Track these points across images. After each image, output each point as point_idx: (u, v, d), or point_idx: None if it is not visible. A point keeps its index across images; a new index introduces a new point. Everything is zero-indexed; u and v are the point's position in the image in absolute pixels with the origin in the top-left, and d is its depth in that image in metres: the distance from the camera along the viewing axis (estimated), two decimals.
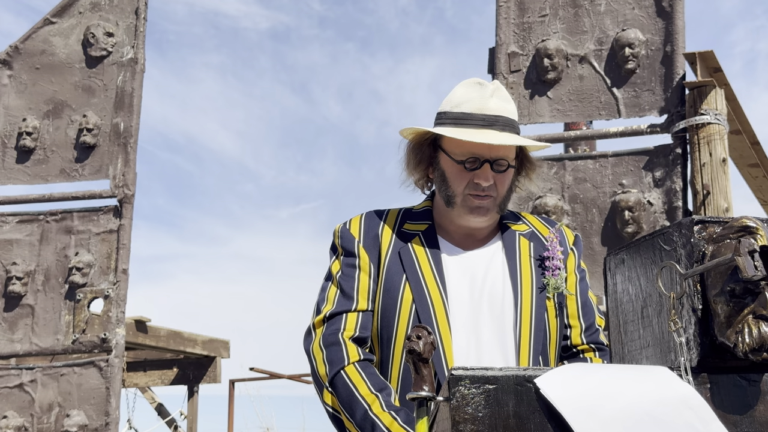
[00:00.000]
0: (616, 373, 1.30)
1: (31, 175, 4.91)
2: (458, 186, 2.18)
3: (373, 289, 2.22)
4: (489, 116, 2.16)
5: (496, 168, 2.16)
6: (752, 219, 1.32)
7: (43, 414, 4.58)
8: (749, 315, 1.29)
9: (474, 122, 2.16)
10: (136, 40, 4.94)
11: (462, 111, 2.18)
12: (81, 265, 4.66)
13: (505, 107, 2.19)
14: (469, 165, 2.16)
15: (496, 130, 2.14)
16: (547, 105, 4.23)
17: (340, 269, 2.24)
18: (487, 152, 2.15)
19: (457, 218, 2.23)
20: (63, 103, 4.96)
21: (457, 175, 2.18)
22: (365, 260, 2.23)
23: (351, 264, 2.24)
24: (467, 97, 2.20)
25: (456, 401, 1.24)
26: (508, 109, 2.20)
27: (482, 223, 2.23)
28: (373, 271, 2.22)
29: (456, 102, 2.21)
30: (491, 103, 2.18)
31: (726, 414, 1.29)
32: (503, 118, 2.17)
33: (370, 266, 2.23)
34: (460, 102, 2.20)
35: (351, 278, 2.22)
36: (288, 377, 10.42)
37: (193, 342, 10.31)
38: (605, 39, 4.20)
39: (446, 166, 2.20)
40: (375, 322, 2.20)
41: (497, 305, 2.17)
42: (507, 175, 2.20)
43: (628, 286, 1.50)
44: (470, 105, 2.18)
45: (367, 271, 2.22)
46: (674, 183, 3.94)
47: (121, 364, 4.59)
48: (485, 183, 2.15)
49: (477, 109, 2.17)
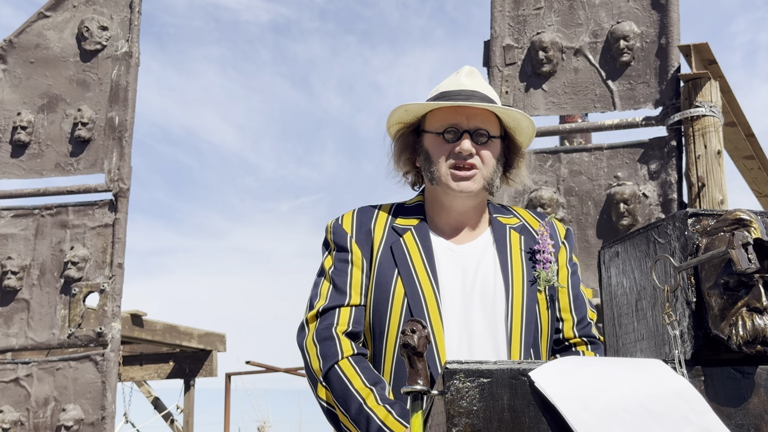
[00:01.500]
0: (611, 366, 1.31)
1: (26, 169, 4.90)
2: (440, 158, 2.21)
3: (366, 284, 2.22)
4: (465, 90, 2.24)
5: (476, 139, 2.19)
6: (746, 212, 1.32)
7: (39, 408, 4.58)
8: (743, 308, 1.29)
9: (451, 97, 2.23)
10: (130, 34, 4.92)
11: (440, 92, 2.27)
12: (76, 260, 4.66)
13: (483, 85, 2.28)
14: (449, 136, 2.20)
15: (472, 102, 2.20)
16: (542, 98, 4.23)
17: (333, 264, 2.25)
18: (465, 122, 2.20)
19: (444, 196, 2.24)
20: (58, 97, 4.95)
21: (439, 147, 2.22)
22: (357, 255, 2.24)
23: (343, 259, 2.25)
24: (445, 82, 2.31)
25: (451, 395, 1.24)
26: (484, 86, 2.28)
27: (468, 199, 2.22)
28: (366, 266, 2.23)
29: (436, 89, 2.31)
30: (467, 80, 2.26)
31: (720, 406, 1.30)
32: (480, 93, 2.24)
33: (362, 261, 2.23)
34: (439, 87, 2.30)
35: (343, 273, 2.23)
36: (284, 371, 10.43)
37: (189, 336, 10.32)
38: (600, 31, 4.20)
39: (429, 144, 2.24)
40: (367, 316, 2.20)
41: (489, 299, 2.17)
42: (490, 148, 2.22)
43: (622, 279, 1.50)
44: (447, 85, 2.28)
45: (360, 266, 2.23)
46: (669, 175, 3.95)
47: (117, 358, 4.59)
48: (466, 152, 2.17)
49: (453, 86, 2.26)
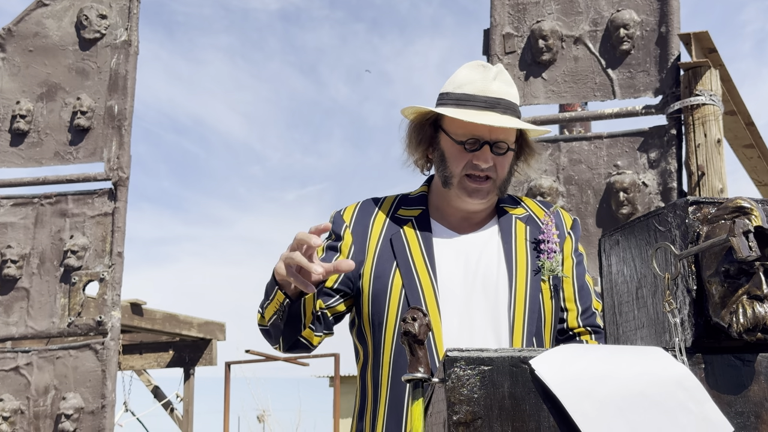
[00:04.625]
0: (611, 353, 1.31)
1: (25, 158, 4.89)
2: (456, 166, 2.18)
3: (350, 275, 2.23)
4: (491, 98, 2.16)
5: (495, 150, 2.17)
6: (747, 199, 1.32)
7: (39, 397, 4.59)
8: (743, 295, 1.29)
9: (476, 104, 2.16)
10: (129, 22, 4.91)
11: (464, 92, 2.19)
12: (76, 248, 4.66)
13: (508, 91, 2.20)
14: (469, 146, 2.16)
15: (497, 113, 2.15)
16: (542, 86, 4.22)
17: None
18: (487, 134, 2.16)
19: (454, 200, 2.24)
20: (57, 85, 4.94)
21: (457, 155, 2.19)
22: (347, 243, 2.25)
23: (333, 247, 2.27)
24: (470, 79, 2.21)
25: (451, 383, 1.24)
26: (510, 92, 2.20)
27: (480, 205, 2.23)
28: (355, 257, 2.23)
29: (458, 83, 2.22)
30: (493, 85, 2.18)
31: (720, 394, 1.30)
32: (505, 101, 2.17)
33: (350, 249, 2.24)
34: (463, 83, 2.21)
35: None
36: (284, 359, 10.44)
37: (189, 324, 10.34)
38: (600, 20, 4.19)
39: (446, 146, 2.21)
40: (366, 307, 2.21)
41: (491, 288, 2.17)
42: (506, 158, 2.21)
43: (622, 267, 1.51)
44: (472, 86, 2.19)
45: (346, 254, 2.23)
46: (669, 164, 3.95)
47: (117, 347, 4.60)
48: (484, 165, 2.16)
49: (479, 90, 2.18)
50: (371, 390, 2.20)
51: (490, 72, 2.21)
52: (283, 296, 2.02)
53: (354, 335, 2.30)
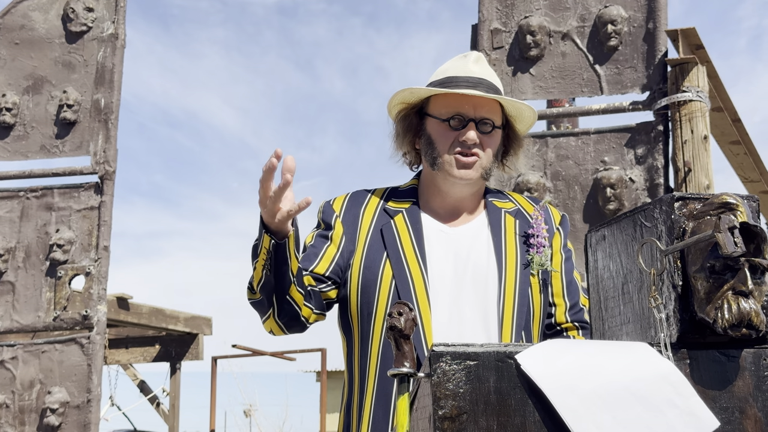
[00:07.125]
0: (597, 349, 1.31)
1: (10, 151, 4.87)
2: (444, 145, 2.20)
3: (340, 263, 2.22)
4: (473, 77, 2.22)
5: (481, 128, 2.19)
6: (732, 195, 1.33)
7: (24, 391, 4.57)
8: (729, 291, 1.30)
9: (458, 83, 2.21)
10: (116, 16, 4.89)
11: (447, 75, 2.24)
12: (62, 242, 4.64)
13: (489, 72, 2.26)
14: (455, 123, 2.19)
15: (480, 91, 2.17)
16: (529, 82, 4.23)
17: (313, 239, 2.27)
18: (471, 111, 2.18)
19: (442, 183, 2.24)
20: (43, 78, 4.91)
21: (443, 134, 2.21)
22: (338, 233, 2.25)
23: (324, 235, 2.27)
24: (451, 65, 2.27)
25: (437, 377, 1.24)
26: (491, 74, 2.26)
27: (467, 186, 2.23)
28: (345, 246, 2.23)
29: (441, 71, 2.28)
30: (475, 67, 2.24)
31: (705, 389, 1.30)
32: (487, 81, 2.22)
33: (341, 239, 2.24)
34: (445, 70, 2.27)
35: (319, 247, 2.25)
36: (271, 354, 10.43)
37: (175, 319, 10.31)
38: (588, 16, 4.19)
39: (432, 128, 2.23)
40: (355, 298, 2.20)
41: (481, 281, 2.18)
42: (492, 138, 2.22)
43: (608, 263, 1.51)
44: (454, 70, 2.24)
45: (337, 243, 2.24)
46: (656, 160, 3.96)
47: (103, 341, 4.58)
48: (470, 141, 2.16)
49: (461, 72, 2.23)
50: (357, 381, 2.20)
51: (470, 57, 2.26)
52: (269, 239, 2.01)
53: (339, 325, 2.30)
